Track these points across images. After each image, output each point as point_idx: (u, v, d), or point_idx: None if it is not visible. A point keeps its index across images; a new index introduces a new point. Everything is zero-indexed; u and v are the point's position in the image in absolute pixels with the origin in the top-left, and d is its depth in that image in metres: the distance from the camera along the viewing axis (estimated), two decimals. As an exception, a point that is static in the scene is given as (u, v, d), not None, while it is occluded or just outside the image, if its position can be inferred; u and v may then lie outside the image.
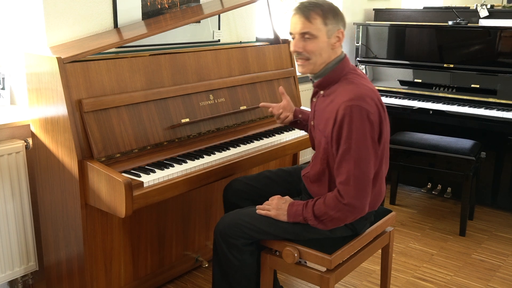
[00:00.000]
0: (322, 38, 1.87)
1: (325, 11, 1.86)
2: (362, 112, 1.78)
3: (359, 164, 1.80)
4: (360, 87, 1.86)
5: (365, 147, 1.80)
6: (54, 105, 2.05)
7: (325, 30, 1.87)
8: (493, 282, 2.70)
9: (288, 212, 1.94)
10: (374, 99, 1.85)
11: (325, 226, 1.91)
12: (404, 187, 4.05)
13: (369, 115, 1.80)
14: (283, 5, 4.26)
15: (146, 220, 2.40)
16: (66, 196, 2.12)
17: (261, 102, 2.47)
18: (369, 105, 1.81)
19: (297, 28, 1.88)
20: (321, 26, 1.86)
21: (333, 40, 1.89)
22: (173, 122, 2.34)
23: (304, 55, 1.90)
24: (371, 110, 1.81)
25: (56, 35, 2.31)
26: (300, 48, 1.89)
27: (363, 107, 1.79)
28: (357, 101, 1.79)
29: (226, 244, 2.00)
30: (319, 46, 1.88)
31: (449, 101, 3.54)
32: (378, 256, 2.61)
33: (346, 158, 1.81)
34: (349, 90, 1.85)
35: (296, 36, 1.90)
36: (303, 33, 1.87)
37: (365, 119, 1.79)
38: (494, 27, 3.47)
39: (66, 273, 2.27)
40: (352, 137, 1.79)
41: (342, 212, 1.84)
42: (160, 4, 2.68)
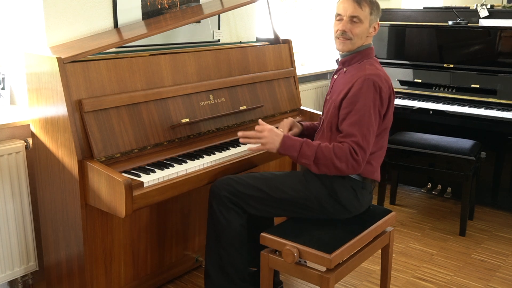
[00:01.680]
0: (365, 25, 2.15)
1: (372, 2, 2.15)
2: (376, 86, 2.04)
3: (370, 132, 2.02)
4: (379, 70, 2.13)
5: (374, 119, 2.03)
6: (54, 105, 2.05)
7: (369, 19, 2.15)
8: (493, 282, 2.70)
9: (282, 143, 2.08)
10: (388, 82, 2.11)
11: (318, 170, 2.04)
12: (404, 187, 4.05)
13: (381, 91, 2.05)
14: (283, 5, 4.26)
15: (146, 220, 2.40)
16: (66, 196, 2.12)
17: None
18: (383, 84, 2.07)
19: (349, 11, 2.13)
20: (368, 15, 2.14)
21: (371, 29, 2.18)
22: (173, 122, 2.34)
23: (347, 35, 2.15)
24: (384, 89, 2.06)
25: (56, 35, 2.31)
26: (347, 29, 2.14)
27: (377, 82, 2.04)
28: (375, 77, 2.06)
29: (214, 197, 2.16)
30: (362, 31, 2.15)
31: (449, 101, 3.54)
32: (378, 256, 2.61)
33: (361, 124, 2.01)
34: (369, 69, 2.11)
35: (344, 18, 2.14)
36: (353, 16, 2.12)
37: (377, 92, 2.03)
38: (494, 27, 3.47)
39: (66, 273, 2.27)
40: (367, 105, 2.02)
41: (348, 166, 2.00)
42: (160, 4, 2.68)
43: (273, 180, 2.15)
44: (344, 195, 2.09)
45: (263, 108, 2.82)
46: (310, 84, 4.10)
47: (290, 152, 2.06)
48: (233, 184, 2.14)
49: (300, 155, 2.04)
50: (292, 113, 3.03)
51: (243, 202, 2.13)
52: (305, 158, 2.03)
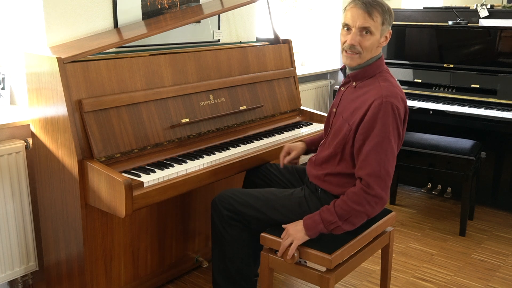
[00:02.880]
0: (376, 36, 1.93)
1: (384, 11, 1.92)
2: (394, 109, 1.88)
3: (387, 157, 1.87)
4: (395, 86, 1.95)
5: (394, 141, 1.90)
6: (54, 105, 2.05)
7: (381, 29, 1.93)
8: (493, 282, 2.70)
9: (305, 226, 1.92)
10: (404, 99, 1.96)
11: (353, 225, 1.92)
12: (404, 187, 4.05)
13: (399, 113, 1.90)
14: (283, 5, 4.26)
15: (146, 220, 2.40)
16: (66, 196, 2.12)
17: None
18: (400, 105, 1.91)
19: (359, 21, 1.90)
20: (379, 25, 1.91)
21: (382, 39, 1.96)
22: (173, 122, 2.34)
23: (356, 49, 1.93)
24: (401, 109, 1.92)
25: (56, 35, 2.31)
26: (357, 42, 1.92)
27: (395, 104, 1.88)
28: (392, 98, 1.88)
29: (215, 215, 2.14)
30: (373, 43, 1.93)
31: (449, 101, 3.54)
32: (378, 256, 2.61)
33: (377, 150, 1.87)
34: (385, 87, 1.92)
35: (353, 30, 1.92)
36: (363, 27, 1.90)
37: (396, 116, 1.88)
38: (494, 27, 3.47)
39: (66, 273, 2.27)
40: (385, 131, 1.86)
41: (370, 205, 1.88)
42: (160, 4, 2.68)
43: (273, 201, 2.08)
44: None
45: (263, 108, 2.82)
46: (310, 84, 4.11)
47: (317, 229, 1.91)
48: (233, 203, 2.10)
49: (326, 225, 1.89)
50: (292, 113, 3.03)
51: (245, 220, 2.12)
52: (332, 224, 1.89)
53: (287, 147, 2.35)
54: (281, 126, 2.85)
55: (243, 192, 2.15)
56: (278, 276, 2.68)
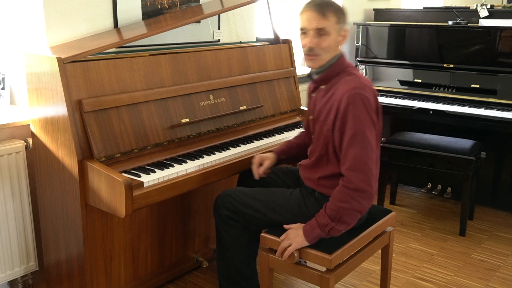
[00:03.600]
0: (333, 36, 1.95)
1: (337, 9, 1.95)
2: (364, 99, 1.88)
3: (364, 149, 1.87)
4: (360, 78, 1.97)
5: (369, 133, 1.89)
6: (54, 105, 2.05)
7: (337, 28, 1.96)
8: (493, 282, 2.70)
9: (304, 233, 1.93)
10: (372, 90, 1.97)
11: (347, 224, 1.91)
12: (404, 187, 4.05)
13: (369, 103, 1.90)
14: (283, 5, 4.26)
15: (146, 220, 2.40)
16: (66, 196, 2.12)
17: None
18: (369, 94, 1.92)
19: (313, 24, 1.93)
20: (334, 24, 1.94)
21: (339, 38, 1.99)
22: (173, 122, 2.34)
23: (315, 51, 1.96)
24: (371, 98, 1.92)
25: (56, 35, 2.31)
26: (315, 44, 1.95)
27: (364, 95, 1.89)
28: (359, 89, 1.89)
29: (216, 215, 2.18)
30: (330, 43, 1.96)
31: (449, 101, 3.54)
32: (378, 256, 2.60)
33: (353, 144, 1.87)
34: (349, 80, 1.94)
35: (310, 32, 1.95)
36: (318, 29, 1.93)
37: (367, 105, 1.89)
38: (494, 27, 3.47)
39: (66, 273, 2.27)
40: (357, 124, 1.87)
41: (355, 200, 1.87)
42: (160, 4, 2.68)
43: (272, 202, 2.09)
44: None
45: (263, 108, 2.82)
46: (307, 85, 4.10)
47: (315, 234, 1.91)
48: (234, 203, 2.12)
49: (322, 229, 1.90)
50: (292, 113, 3.03)
51: (244, 220, 2.14)
52: (327, 227, 1.89)
53: (258, 158, 2.28)
54: (281, 126, 2.85)
55: (243, 192, 2.16)
56: (278, 276, 2.68)
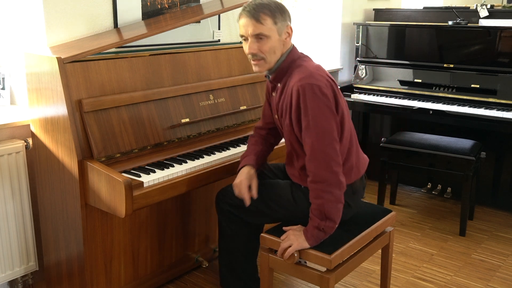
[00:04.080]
0: (274, 37, 1.94)
1: (272, 10, 1.92)
2: (314, 88, 1.86)
3: (321, 137, 1.86)
4: (307, 67, 1.94)
5: (325, 120, 1.86)
6: (54, 105, 2.05)
7: (276, 29, 1.93)
8: (493, 282, 2.70)
9: (304, 232, 1.93)
10: (322, 75, 1.92)
11: (332, 221, 1.89)
12: (404, 187, 4.04)
13: (321, 89, 1.86)
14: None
15: (146, 220, 2.39)
16: (66, 196, 2.12)
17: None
18: (319, 80, 1.88)
19: (249, 30, 1.93)
20: (272, 26, 1.92)
21: (284, 37, 1.97)
22: (173, 122, 2.34)
23: (259, 56, 1.96)
24: (322, 85, 1.88)
25: (56, 35, 2.31)
26: (255, 50, 1.94)
27: (313, 83, 1.86)
28: (307, 79, 1.87)
29: (218, 210, 2.23)
30: (273, 45, 1.94)
31: (449, 101, 3.54)
32: (378, 256, 2.60)
33: (308, 134, 1.88)
34: (298, 72, 1.93)
35: (249, 39, 1.95)
36: (256, 34, 1.92)
37: (318, 93, 1.86)
38: (494, 27, 3.47)
39: (66, 273, 2.27)
40: (309, 113, 1.86)
41: (325, 192, 1.86)
42: (160, 4, 2.68)
43: (265, 196, 2.11)
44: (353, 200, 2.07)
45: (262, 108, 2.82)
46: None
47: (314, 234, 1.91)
48: (232, 197, 2.16)
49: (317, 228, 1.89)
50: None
51: (243, 214, 2.18)
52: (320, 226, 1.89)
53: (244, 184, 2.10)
54: (281, 126, 2.85)
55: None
56: (278, 276, 2.68)
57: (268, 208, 2.12)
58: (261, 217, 2.16)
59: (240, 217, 2.19)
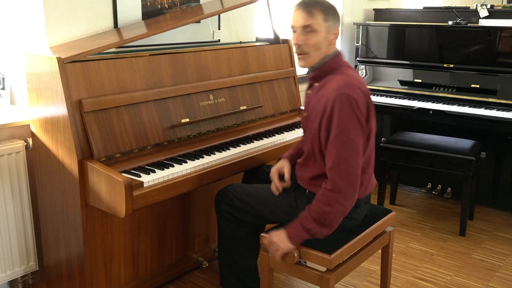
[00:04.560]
0: (321, 33, 1.95)
1: (325, 8, 1.96)
2: (351, 100, 1.86)
3: (347, 149, 1.87)
4: (349, 77, 1.94)
5: (354, 133, 1.88)
6: (54, 105, 2.05)
7: (325, 26, 1.95)
8: (493, 282, 2.70)
9: (289, 235, 1.93)
10: (361, 89, 1.93)
11: (330, 228, 1.90)
12: (404, 187, 4.04)
13: (357, 102, 1.87)
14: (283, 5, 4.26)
15: (146, 220, 2.39)
16: (66, 196, 2.12)
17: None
18: (357, 94, 1.89)
19: (299, 21, 1.95)
20: (322, 22, 1.94)
21: (331, 37, 1.98)
22: (173, 122, 2.34)
23: (303, 49, 1.97)
24: (358, 98, 1.88)
25: (56, 35, 2.31)
26: (301, 42, 1.96)
27: (351, 95, 1.87)
28: (345, 89, 1.88)
29: (217, 210, 2.24)
30: (319, 40, 1.95)
31: (449, 101, 3.54)
32: (378, 256, 2.60)
33: (335, 143, 1.88)
34: (338, 80, 1.93)
35: (297, 30, 1.97)
36: (304, 26, 1.94)
37: (353, 105, 1.87)
38: (494, 27, 3.47)
39: (66, 273, 2.27)
40: (342, 124, 1.86)
41: (338, 203, 1.87)
42: (160, 4, 2.68)
43: (266, 200, 2.12)
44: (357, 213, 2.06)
45: (263, 108, 2.82)
46: (310, 84, 4.10)
47: (301, 236, 1.92)
48: (232, 198, 2.18)
49: (307, 231, 1.90)
50: (292, 113, 3.03)
51: (242, 215, 2.19)
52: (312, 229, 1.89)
53: (276, 171, 2.18)
54: (281, 126, 2.85)
55: (242, 188, 2.21)
56: (278, 276, 2.68)
57: (268, 210, 2.12)
58: (259, 218, 2.17)
59: (239, 218, 2.20)
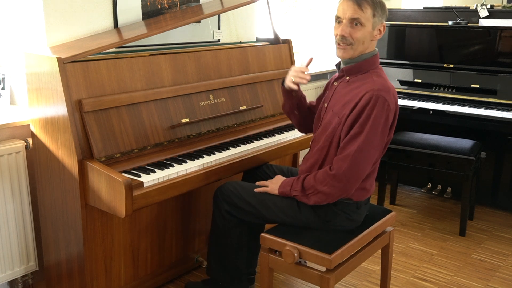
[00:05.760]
0: (368, 28, 1.94)
1: (375, 3, 1.94)
2: (385, 104, 1.89)
3: (363, 148, 1.88)
4: (388, 83, 1.97)
5: (375, 136, 1.89)
6: (54, 105, 2.05)
7: (372, 21, 1.94)
8: (493, 282, 2.70)
9: (281, 184, 2.07)
10: (395, 96, 1.97)
11: (308, 201, 1.98)
12: (404, 187, 4.05)
13: (390, 107, 1.90)
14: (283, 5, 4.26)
15: (146, 220, 2.40)
16: (66, 196, 2.12)
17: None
18: (391, 99, 1.92)
19: (348, 13, 1.93)
20: (370, 17, 1.93)
21: (376, 32, 1.98)
22: (173, 122, 2.34)
23: (348, 41, 1.95)
24: (391, 106, 1.92)
25: (56, 35, 2.31)
26: (347, 34, 1.95)
27: (387, 99, 1.89)
28: (383, 92, 1.89)
29: (216, 206, 2.25)
30: (364, 35, 1.95)
31: (449, 101, 3.54)
32: (378, 256, 2.61)
33: (354, 140, 1.88)
34: (378, 81, 1.94)
35: (344, 21, 1.95)
36: (353, 19, 1.93)
37: (385, 111, 1.89)
38: (494, 27, 3.47)
39: (66, 273, 2.27)
40: (368, 123, 1.87)
41: (329, 186, 1.92)
42: (160, 4, 2.68)
43: (266, 200, 2.12)
44: (338, 221, 2.05)
45: (263, 108, 2.82)
46: (310, 84, 4.10)
47: (285, 190, 2.05)
48: (232, 196, 2.18)
49: (292, 190, 2.03)
50: (292, 113, 3.03)
51: (241, 214, 2.20)
52: (295, 191, 2.02)
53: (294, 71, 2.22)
54: (281, 126, 2.85)
55: (243, 187, 2.21)
56: (278, 276, 2.69)
57: (268, 211, 2.11)
58: (258, 218, 2.17)
59: (237, 217, 2.21)
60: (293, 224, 2.08)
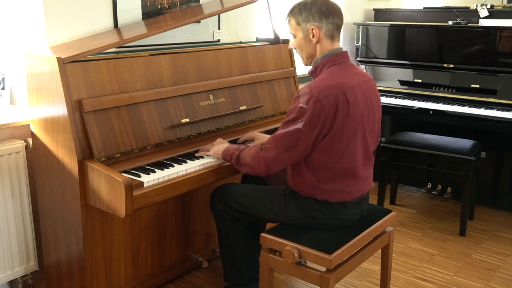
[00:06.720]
0: (299, 36, 2.07)
1: (295, 13, 2.05)
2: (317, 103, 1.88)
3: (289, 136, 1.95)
4: (329, 79, 1.94)
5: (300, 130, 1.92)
6: (54, 105, 2.05)
7: (300, 29, 2.05)
8: (493, 282, 2.70)
9: (225, 149, 2.19)
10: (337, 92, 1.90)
11: (241, 168, 2.12)
12: (404, 187, 4.04)
13: (323, 107, 1.88)
14: (283, 5, 4.26)
15: (146, 220, 2.40)
16: (66, 196, 2.12)
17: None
18: (326, 98, 1.88)
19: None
20: (295, 26, 2.07)
21: (310, 36, 2.04)
22: (173, 122, 2.34)
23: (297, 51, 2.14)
24: (326, 103, 1.88)
25: (56, 35, 2.31)
26: (292, 46, 2.15)
27: (319, 98, 1.88)
28: (313, 89, 1.91)
29: (211, 208, 2.32)
30: (299, 42, 2.08)
31: (449, 101, 3.54)
32: (378, 256, 2.60)
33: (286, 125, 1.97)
34: (317, 80, 1.98)
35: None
36: (291, 33, 2.12)
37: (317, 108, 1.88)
38: (494, 27, 3.47)
39: (66, 273, 2.27)
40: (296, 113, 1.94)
41: (254, 162, 2.04)
42: (160, 4, 2.68)
43: (256, 199, 2.19)
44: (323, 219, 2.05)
45: (263, 108, 2.82)
46: (310, 84, 4.10)
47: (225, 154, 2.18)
48: (225, 197, 2.25)
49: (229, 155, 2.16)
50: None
51: (234, 213, 2.25)
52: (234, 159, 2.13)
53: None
54: (281, 126, 2.85)
55: (235, 187, 2.27)
56: (278, 276, 2.69)
57: (258, 209, 2.17)
58: (252, 217, 2.22)
59: (233, 216, 2.26)
60: (283, 222, 2.13)
